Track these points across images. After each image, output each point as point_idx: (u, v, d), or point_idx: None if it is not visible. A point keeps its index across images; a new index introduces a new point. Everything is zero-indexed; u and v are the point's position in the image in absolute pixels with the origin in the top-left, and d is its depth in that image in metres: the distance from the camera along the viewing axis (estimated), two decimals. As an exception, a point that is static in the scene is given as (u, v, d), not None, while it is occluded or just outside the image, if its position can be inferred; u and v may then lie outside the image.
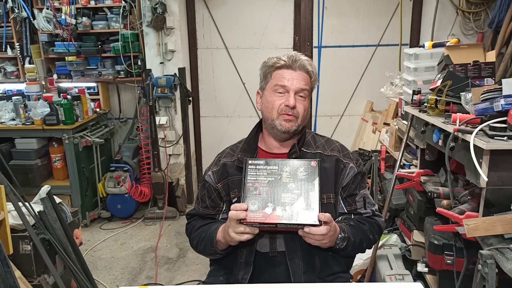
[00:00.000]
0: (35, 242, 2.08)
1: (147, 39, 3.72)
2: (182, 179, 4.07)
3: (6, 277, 1.78)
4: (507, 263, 1.39)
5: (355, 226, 1.38)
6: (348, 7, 3.87)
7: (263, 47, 3.98)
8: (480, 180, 1.59)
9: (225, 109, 4.19)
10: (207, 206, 1.48)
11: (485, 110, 1.70)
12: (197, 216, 1.52)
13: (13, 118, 3.48)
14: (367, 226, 1.41)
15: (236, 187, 1.42)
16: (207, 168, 1.53)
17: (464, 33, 3.18)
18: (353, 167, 1.42)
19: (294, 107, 1.34)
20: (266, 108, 1.39)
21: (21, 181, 3.04)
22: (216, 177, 1.46)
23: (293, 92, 1.35)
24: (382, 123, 3.50)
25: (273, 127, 1.38)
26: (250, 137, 1.48)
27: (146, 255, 3.20)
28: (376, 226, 1.44)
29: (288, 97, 1.35)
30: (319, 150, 1.44)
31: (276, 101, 1.36)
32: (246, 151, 1.44)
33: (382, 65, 3.82)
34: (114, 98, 4.19)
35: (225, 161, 1.47)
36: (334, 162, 1.41)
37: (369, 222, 1.43)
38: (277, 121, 1.36)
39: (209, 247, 1.39)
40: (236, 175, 1.42)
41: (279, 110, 1.36)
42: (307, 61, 1.38)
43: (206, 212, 1.49)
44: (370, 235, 1.40)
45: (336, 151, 1.44)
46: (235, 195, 1.42)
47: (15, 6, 3.80)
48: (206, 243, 1.40)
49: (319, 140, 1.48)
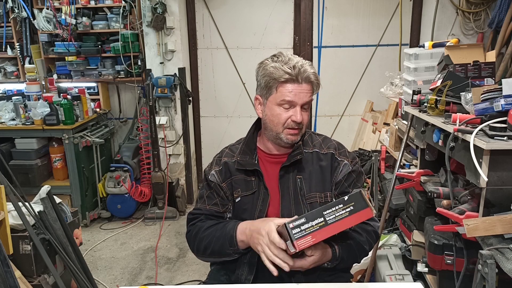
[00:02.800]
0: (35, 242, 2.08)
1: (147, 39, 3.72)
2: (182, 179, 4.07)
3: (6, 277, 1.78)
4: (507, 263, 1.39)
5: (351, 243, 1.33)
6: (348, 7, 3.87)
7: (263, 47, 3.98)
8: (480, 180, 1.59)
9: (225, 109, 4.19)
10: (216, 203, 1.44)
11: (485, 110, 1.70)
12: (203, 215, 1.45)
13: (13, 118, 3.48)
14: (364, 237, 1.37)
15: (239, 186, 1.42)
16: (206, 169, 1.51)
17: (464, 33, 3.18)
18: (347, 164, 1.42)
19: (301, 121, 1.35)
20: (271, 121, 1.38)
21: (21, 181, 3.05)
22: (220, 176, 1.44)
23: (300, 106, 1.34)
24: (382, 123, 3.50)
25: (277, 138, 1.39)
26: (249, 137, 1.48)
27: (146, 255, 3.20)
28: (373, 233, 1.40)
29: (295, 112, 1.33)
30: (316, 148, 1.44)
31: (282, 115, 1.35)
32: (245, 153, 1.44)
33: (382, 65, 3.82)
34: (114, 98, 4.19)
35: (226, 160, 1.46)
36: (329, 159, 1.42)
37: (366, 231, 1.38)
38: (282, 134, 1.37)
39: (227, 246, 1.33)
40: (238, 175, 1.42)
41: (286, 125, 1.35)
42: (312, 72, 1.34)
43: (215, 209, 1.44)
44: (366, 246, 1.37)
45: (333, 149, 1.44)
46: (238, 194, 1.42)
47: (15, 6, 3.80)
48: (223, 242, 1.33)
49: (316, 139, 1.48)
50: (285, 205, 1.40)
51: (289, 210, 1.39)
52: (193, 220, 1.46)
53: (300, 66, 1.31)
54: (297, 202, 1.40)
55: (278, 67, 1.32)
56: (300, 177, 1.41)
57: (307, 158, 1.43)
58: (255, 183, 1.42)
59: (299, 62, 1.33)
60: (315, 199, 1.41)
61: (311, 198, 1.40)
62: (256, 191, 1.41)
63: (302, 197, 1.40)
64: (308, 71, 1.32)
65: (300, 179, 1.40)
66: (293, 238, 1.08)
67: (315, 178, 1.41)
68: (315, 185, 1.41)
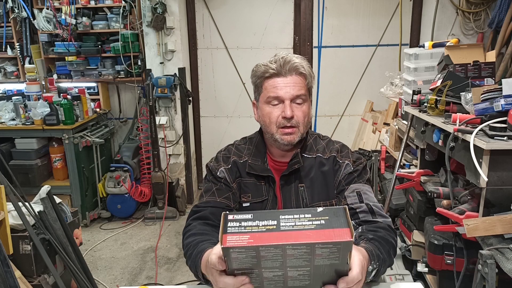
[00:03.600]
0: (35, 242, 2.08)
1: (147, 39, 3.72)
2: (182, 179, 4.07)
3: (6, 277, 1.78)
4: (507, 263, 1.39)
5: (376, 239, 1.13)
6: (348, 7, 3.87)
7: (263, 47, 3.99)
8: (480, 180, 1.59)
9: (225, 109, 4.19)
10: (228, 197, 1.30)
11: (485, 110, 1.70)
12: (209, 209, 1.27)
13: (13, 118, 3.48)
14: (382, 233, 1.17)
15: (249, 191, 1.32)
16: (211, 164, 1.37)
17: (464, 33, 3.18)
18: (349, 165, 1.30)
19: (292, 117, 1.23)
20: (264, 122, 1.29)
21: (21, 181, 3.05)
22: (230, 175, 1.33)
23: (289, 100, 1.23)
24: (382, 123, 3.50)
25: (274, 140, 1.28)
26: (258, 140, 1.38)
27: (146, 255, 3.20)
28: (390, 228, 1.20)
29: (284, 108, 1.23)
30: (319, 153, 1.34)
31: (272, 113, 1.25)
32: (255, 155, 1.34)
33: (382, 65, 3.83)
34: (114, 98, 4.19)
35: (235, 160, 1.35)
36: (331, 163, 1.32)
37: (383, 227, 1.19)
38: (277, 135, 1.26)
39: (194, 271, 1.13)
40: (248, 178, 1.33)
41: (277, 124, 1.25)
42: (298, 62, 1.23)
43: (226, 203, 1.29)
44: (392, 240, 1.18)
45: (335, 151, 1.34)
46: (247, 199, 1.32)
47: (15, 6, 3.80)
48: (191, 264, 1.14)
49: (320, 143, 1.37)
50: None
51: None
52: (195, 213, 1.29)
53: (282, 59, 1.22)
54: None
55: (264, 65, 1.25)
56: (303, 186, 1.31)
57: (309, 165, 1.32)
58: (265, 189, 1.32)
59: (283, 55, 1.24)
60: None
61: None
62: (266, 199, 1.32)
63: (305, 207, 1.29)
64: (292, 62, 1.22)
65: (302, 188, 1.31)
66: (225, 230, 0.82)
67: (317, 186, 1.31)
68: (318, 193, 1.31)
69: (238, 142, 1.42)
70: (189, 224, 1.28)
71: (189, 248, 1.16)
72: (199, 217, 1.27)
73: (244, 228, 0.82)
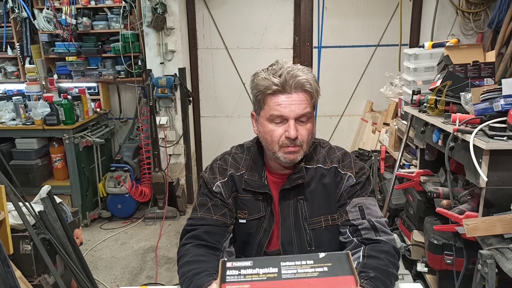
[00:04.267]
0: (35, 242, 2.08)
1: (147, 39, 3.72)
2: (183, 179, 4.08)
3: (6, 277, 1.78)
4: (507, 263, 1.39)
5: (376, 275, 1.05)
6: (348, 7, 3.87)
7: (263, 47, 3.98)
8: (480, 180, 1.60)
9: (225, 109, 4.19)
10: (225, 214, 1.23)
11: (484, 110, 1.70)
12: (204, 227, 1.20)
13: (14, 118, 3.49)
14: (384, 259, 1.10)
15: (246, 208, 1.25)
16: (206, 176, 1.29)
17: (464, 33, 3.18)
18: (351, 177, 1.23)
19: (297, 138, 1.15)
20: (265, 139, 1.20)
21: (21, 181, 3.05)
22: (226, 190, 1.25)
23: (293, 120, 1.14)
24: (382, 123, 3.51)
25: (276, 158, 1.20)
26: (255, 152, 1.29)
27: (147, 255, 3.20)
28: (393, 251, 1.14)
29: (288, 128, 1.14)
30: (320, 163, 1.26)
31: (275, 132, 1.16)
32: (252, 169, 1.26)
33: (382, 65, 3.83)
34: (114, 98, 4.20)
35: (232, 173, 1.27)
36: (333, 175, 1.24)
37: (383, 251, 1.12)
38: (279, 154, 1.17)
39: None
40: (244, 193, 1.25)
41: (280, 143, 1.16)
42: (304, 77, 1.13)
43: (223, 221, 1.22)
44: (392, 270, 1.10)
45: (336, 161, 1.25)
46: (244, 216, 1.25)
47: (15, 6, 3.80)
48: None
49: (320, 151, 1.29)
50: (285, 232, 1.24)
51: (289, 237, 1.24)
52: (190, 232, 1.22)
53: (287, 74, 1.12)
54: (298, 228, 1.24)
55: (266, 77, 1.14)
56: (302, 198, 1.23)
57: (310, 176, 1.24)
58: (262, 205, 1.25)
59: (288, 69, 1.14)
60: (319, 224, 1.23)
61: (314, 224, 1.23)
62: (263, 216, 1.25)
63: (304, 221, 1.23)
64: (298, 78, 1.12)
65: (302, 200, 1.23)
66: (224, 279, 0.79)
67: (318, 199, 1.24)
68: (318, 207, 1.23)
69: (235, 150, 1.34)
70: (184, 244, 1.21)
71: (185, 279, 1.09)
72: (194, 236, 1.20)
73: (244, 277, 0.79)
